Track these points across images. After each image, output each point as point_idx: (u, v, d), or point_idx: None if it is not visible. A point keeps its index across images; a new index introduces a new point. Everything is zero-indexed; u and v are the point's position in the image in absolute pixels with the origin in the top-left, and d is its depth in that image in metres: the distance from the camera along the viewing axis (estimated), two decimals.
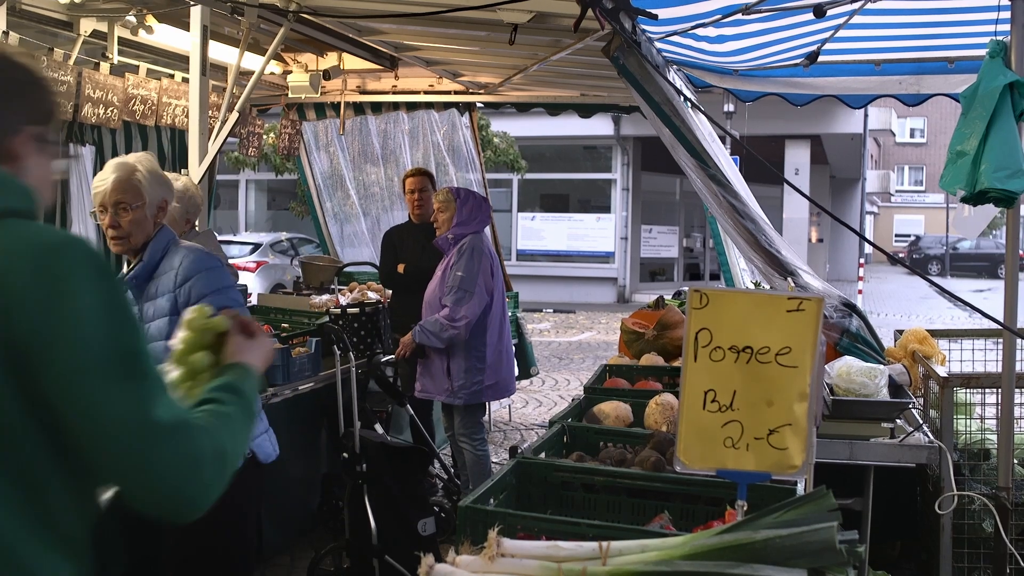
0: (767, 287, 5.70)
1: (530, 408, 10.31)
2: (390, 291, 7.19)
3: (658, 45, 5.16)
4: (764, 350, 2.45)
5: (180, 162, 9.71)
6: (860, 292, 22.87)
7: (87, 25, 7.05)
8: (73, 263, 1.60)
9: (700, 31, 5.04)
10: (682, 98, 4.82)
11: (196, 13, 5.87)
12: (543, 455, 3.29)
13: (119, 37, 7.25)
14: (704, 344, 2.48)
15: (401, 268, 6.77)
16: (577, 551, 2.18)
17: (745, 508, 2.46)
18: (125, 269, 3.53)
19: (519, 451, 3.12)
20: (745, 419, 2.48)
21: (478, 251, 5.90)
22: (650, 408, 3.87)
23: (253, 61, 7.03)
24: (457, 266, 5.87)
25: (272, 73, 8.67)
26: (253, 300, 7.91)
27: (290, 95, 8.98)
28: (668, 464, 3.07)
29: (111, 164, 3.39)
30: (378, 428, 5.62)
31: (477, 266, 5.86)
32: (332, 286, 7.60)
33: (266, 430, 3.67)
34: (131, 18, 6.63)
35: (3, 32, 6.23)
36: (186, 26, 6.28)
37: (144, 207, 3.33)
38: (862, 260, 27.06)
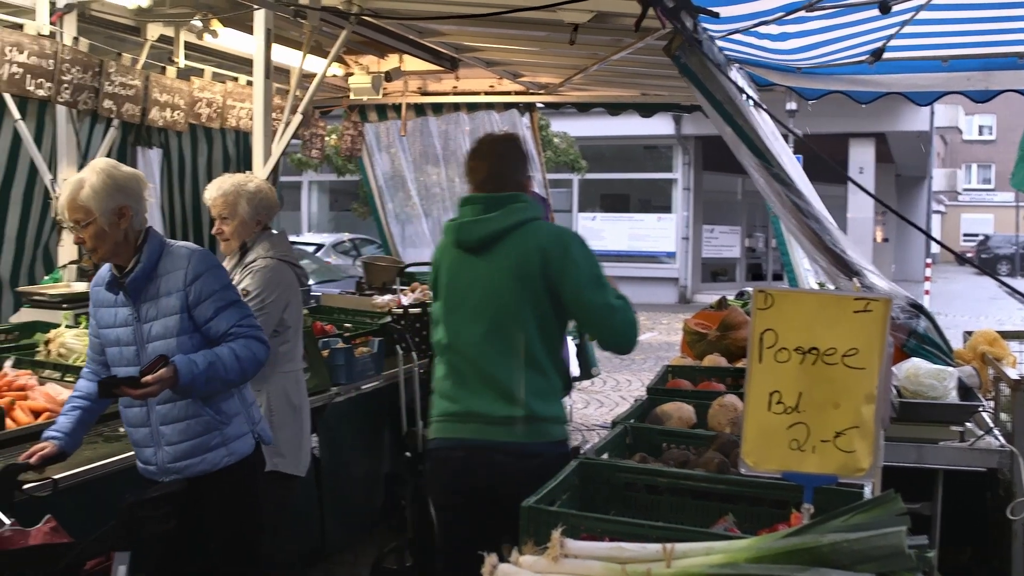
0: (831, 288, 5.62)
1: (591, 409, 10.29)
2: None
3: (719, 43, 5.12)
4: (830, 351, 2.42)
5: (244, 164, 9.86)
6: (927, 293, 22.44)
7: (154, 30, 7.19)
8: (570, 237, 3.53)
9: (762, 28, 4.99)
10: (744, 96, 4.77)
11: (260, 17, 5.94)
12: (606, 456, 3.28)
13: (185, 41, 7.38)
14: (769, 345, 2.45)
15: None
16: (641, 553, 2.18)
17: (811, 511, 2.42)
18: (104, 271, 3.57)
19: (582, 452, 3.11)
20: (811, 421, 2.45)
21: None
22: (713, 409, 3.84)
23: (315, 64, 7.10)
24: None
25: (334, 75, 8.75)
26: (317, 300, 7.98)
27: (352, 97, 9.07)
28: (732, 466, 3.04)
29: (67, 182, 3.45)
30: None
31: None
32: (394, 286, 7.65)
33: (263, 417, 3.79)
34: (197, 22, 6.75)
35: (74, 38, 6.37)
36: (250, 30, 6.36)
37: (96, 221, 3.36)
38: (929, 260, 26.58)
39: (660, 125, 23.55)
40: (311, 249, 18.70)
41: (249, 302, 4.00)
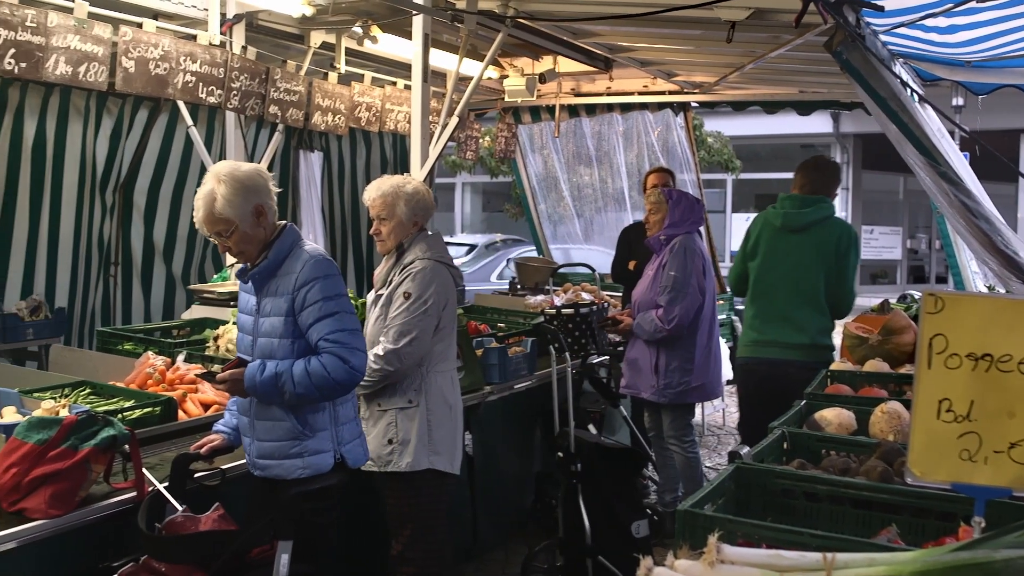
0: (1002, 291, 5.37)
1: None
2: (605, 292, 7.22)
3: (883, 38, 4.94)
4: (1006, 358, 2.31)
5: (401, 166, 10.09)
6: None
7: (317, 38, 7.44)
8: (853, 235, 5.38)
9: (929, 21, 4.79)
10: (909, 92, 4.61)
11: (418, 22, 6.06)
12: (762, 461, 3.21)
13: (346, 48, 7.61)
14: (939, 351, 2.35)
15: (632, 265, 6.78)
16: (800, 561, 2.12)
17: (983, 525, 2.32)
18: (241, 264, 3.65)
19: (738, 456, 3.06)
20: (984, 430, 2.34)
21: (691, 251, 5.82)
22: (875, 416, 3.71)
23: (471, 67, 7.20)
24: (670, 266, 5.82)
25: (489, 78, 8.86)
26: (470, 300, 8.09)
27: (506, 99, 9.16)
28: (896, 475, 2.94)
29: (197, 198, 3.47)
30: (591, 428, 5.64)
31: (691, 266, 5.79)
32: (547, 286, 7.68)
33: (359, 436, 3.73)
34: (357, 29, 6.94)
35: (242, 47, 6.63)
36: (408, 35, 6.50)
37: (238, 228, 3.44)
38: None
39: (818, 123, 22.97)
40: (464, 250, 18.95)
41: (411, 304, 4.07)
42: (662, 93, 9.46)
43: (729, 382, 8.89)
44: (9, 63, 5.06)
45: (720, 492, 2.80)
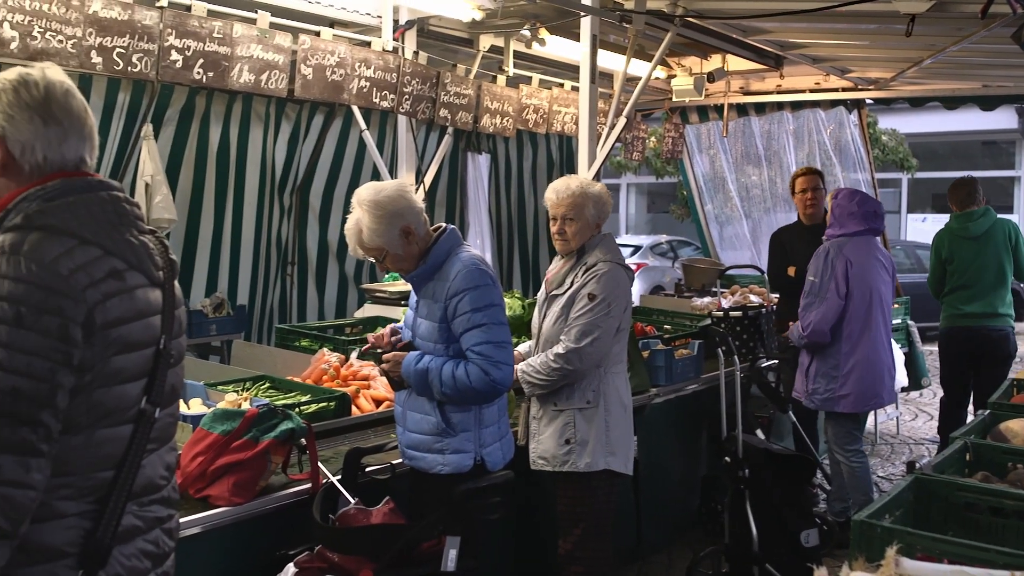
0: None
1: (919, 421, 9.70)
2: (774, 295, 7.03)
3: None
4: None
5: (568, 167, 10.14)
6: None
7: (486, 41, 7.55)
8: (1016, 229, 7.07)
9: None
10: None
11: (586, 23, 6.07)
12: (943, 473, 3.08)
13: (514, 50, 7.69)
14: None
15: (792, 271, 6.59)
16: None
17: None
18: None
19: (917, 467, 2.94)
20: None
21: (832, 255, 5.64)
22: None
23: (638, 67, 7.17)
24: (810, 270, 5.71)
25: (656, 78, 8.80)
26: (636, 301, 8.06)
27: (674, 99, 9.07)
28: None
29: (347, 228, 3.59)
30: (759, 434, 5.53)
31: (829, 271, 5.62)
32: (714, 288, 7.57)
33: (501, 439, 3.71)
34: (526, 32, 7.00)
35: (414, 52, 6.79)
36: (575, 36, 6.52)
37: (389, 252, 3.52)
38: None
39: (1001, 119, 21.87)
40: (629, 251, 18.88)
41: (595, 305, 4.09)
42: (835, 90, 9.19)
43: (904, 389, 8.57)
44: (198, 72, 5.33)
45: (898, 503, 2.70)
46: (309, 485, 3.49)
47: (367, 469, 3.66)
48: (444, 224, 3.68)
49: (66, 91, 2.05)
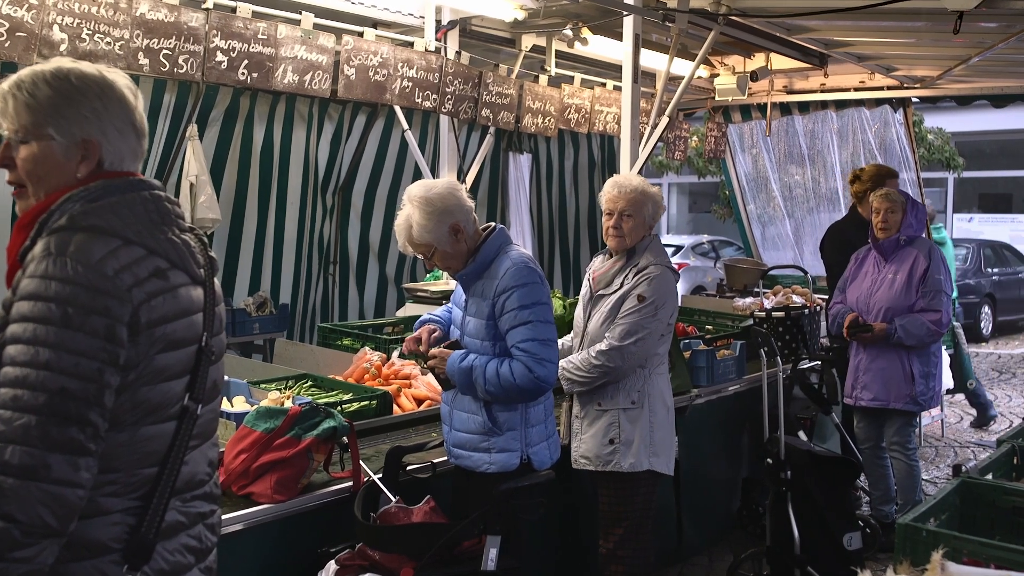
0: None
1: (965, 424, 9.56)
2: (817, 295, 6.96)
3: None
4: None
5: (609, 167, 10.12)
6: None
7: (528, 41, 7.55)
8: None
9: None
10: None
11: (628, 23, 6.05)
12: (990, 476, 3.04)
13: (556, 50, 7.68)
14: None
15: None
16: None
17: None
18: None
19: (963, 470, 2.90)
20: None
21: (937, 254, 5.76)
22: None
23: (680, 66, 7.13)
24: (934, 269, 5.63)
25: (699, 77, 8.75)
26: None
27: (716, 98, 9.02)
28: None
29: (396, 224, 3.58)
30: (802, 435, 5.48)
31: (945, 268, 5.73)
32: (756, 289, 7.52)
33: (548, 438, 3.70)
34: (568, 31, 6.99)
35: (456, 52, 6.81)
36: (618, 36, 6.50)
37: (438, 249, 3.52)
38: None
39: None
40: (671, 251, 18.80)
41: (644, 306, 4.09)
42: (880, 88, 9.08)
43: (949, 391, 8.47)
44: (243, 73, 5.38)
45: (944, 507, 2.67)
46: (351, 483, 3.52)
47: (408, 468, 3.68)
48: (493, 223, 3.69)
49: (124, 91, 2.09)
